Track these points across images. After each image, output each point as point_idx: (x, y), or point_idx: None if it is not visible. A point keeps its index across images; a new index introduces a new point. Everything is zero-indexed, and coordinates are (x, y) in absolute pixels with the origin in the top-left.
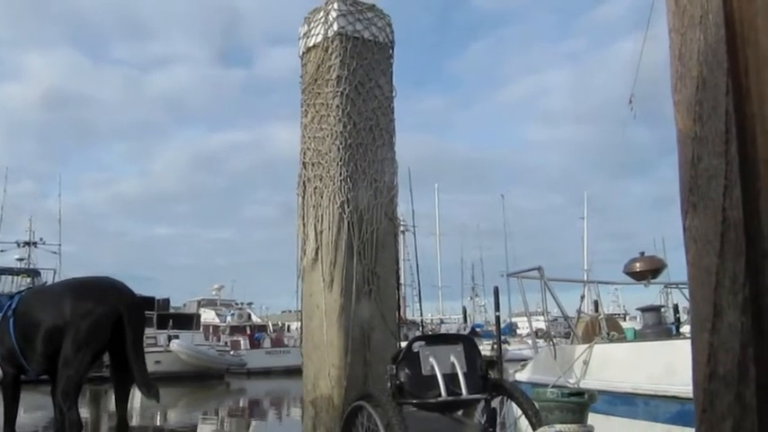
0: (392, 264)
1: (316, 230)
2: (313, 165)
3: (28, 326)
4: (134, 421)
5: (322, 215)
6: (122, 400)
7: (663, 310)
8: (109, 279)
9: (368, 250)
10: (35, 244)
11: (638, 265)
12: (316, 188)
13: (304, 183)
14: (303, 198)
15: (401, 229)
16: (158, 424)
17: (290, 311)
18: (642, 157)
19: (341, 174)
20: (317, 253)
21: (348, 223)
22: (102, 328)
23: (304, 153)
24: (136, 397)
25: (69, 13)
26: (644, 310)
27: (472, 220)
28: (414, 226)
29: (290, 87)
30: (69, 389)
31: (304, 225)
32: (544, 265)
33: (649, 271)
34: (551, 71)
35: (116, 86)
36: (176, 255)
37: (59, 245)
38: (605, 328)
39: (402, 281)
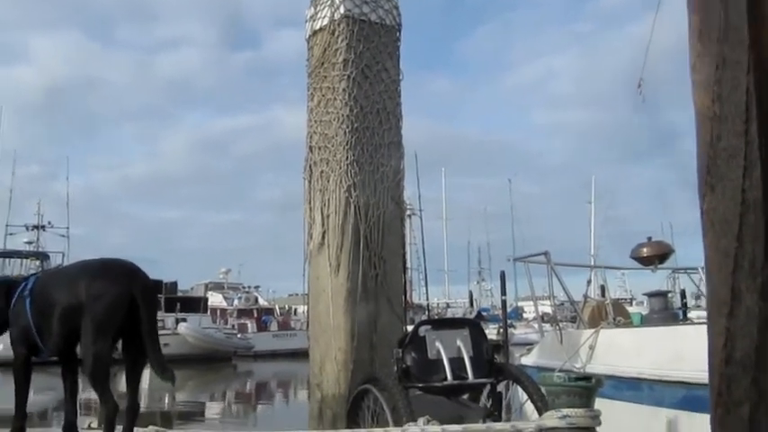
0: (398, 248)
1: (322, 214)
2: (319, 149)
3: (45, 306)
4: (142, 404)
5: (328, 199)
6: (134, 383)
7: (670, 295)
8: (124, 261)
9: (374, 235)
10: (44, 227)
11: (645, 250)
12: (322, 172)
13: (310, 167)
14: (310, 182)
15: (408, 213)
16: (166, 406)
17: (297, 295)
18: (650, 142)
19: (347, 158)
20: (323, 237)
21: (355, 207)
22: (116, 310)
23: (310, 137)
24: (144, 379)
25: None
26: (651, 295)
27: (479, 205)
28: (420, 210)
29: (297, 70)
30: (97, 373)
31: (311, 209)
32: (551, 249)
33: (656, 256)
34: (559, 55)
35: (123, 69)
36: (184, 238)
37: (67, 228)
38: (612, 313)
39: (408, 265)
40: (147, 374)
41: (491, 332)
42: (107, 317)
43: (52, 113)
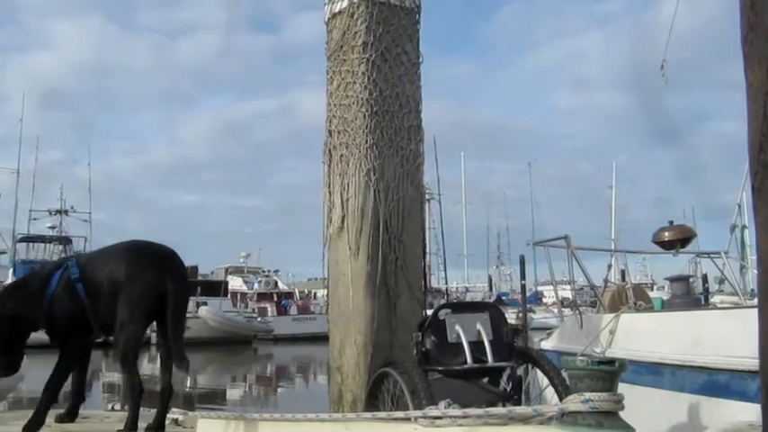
0: (418, 232)
1: (342, 198)
2: (339, 132)
3: (96, 286)
4: None
5: (348, 183)
6: (167, 369)
7: (692, 280)
8: (163, 247)
9: (394, 218)
10: (66, 212)
11: (666, 234)
12: (342, 156)
13: (330, 151)
14: (329, 166)
15: (427, 197)
16: (188, 389)
17: (317, 279)
18: (674, 125)
19: (367, 141)
20: (343, 221)
21: (374, 191)
22: (149, 294)
23: (330, 121)
24: None
25: None
26: (672, 279)
27: (499, 189)
28: (439, 194)
29: (316, 54)
30: (127, 351)
31: (330, 193)
32: (571, 233)
33: (678, 240)
34: (583, 35)
35: (144, 55)
36: (204, 222)
37: (90, 213)
38: (632, 298)
39: (428, 249)
40: None
41: (510, 316)
42: (140, 299)
43: (74, 99)
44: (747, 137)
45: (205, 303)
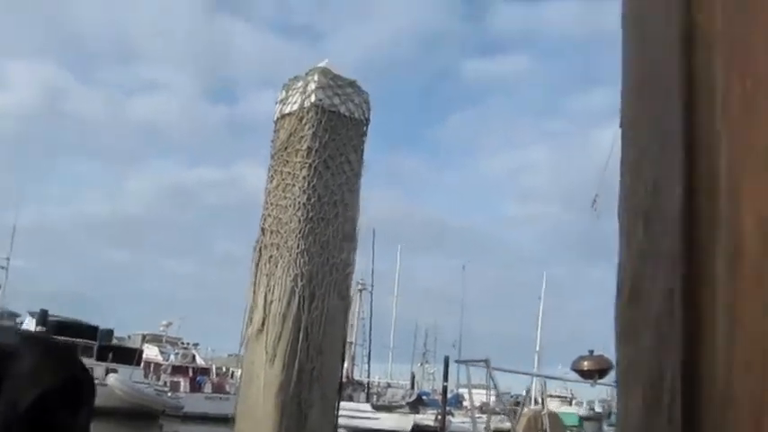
0: (339, 343)
1: (265, 300)
2: (272, 233)
3: None
4: None
5: (274, 285)
6: None
7: (612, 403)
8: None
9: (315, 327)
10: None
11: (585, 363)
12: (271, 257)
13: (260, 249)
14: (257, 264)
15: (359, 287)
16: None
17: (237, 355)
18: (608, 245)
19: (298, 246)
20: (263, 324)
21: (299, 298)
22: None
23: (264, 219)
24: None
25: (60, 25)
26: (586, 418)
27: (433, 285)
28: (372, 285)
29: (268, 132)
30: None
31: (254, 292)
32: (497, 340)
33: (596, 371)
34: (531, 147)
35: (97, 106)
36: (131, 282)
37: (8, 259)
38: (547, 425)
39: (353, 339)
40: None
41: (429, 418)
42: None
43: (16, 140)
44: None
45: (115, 371)
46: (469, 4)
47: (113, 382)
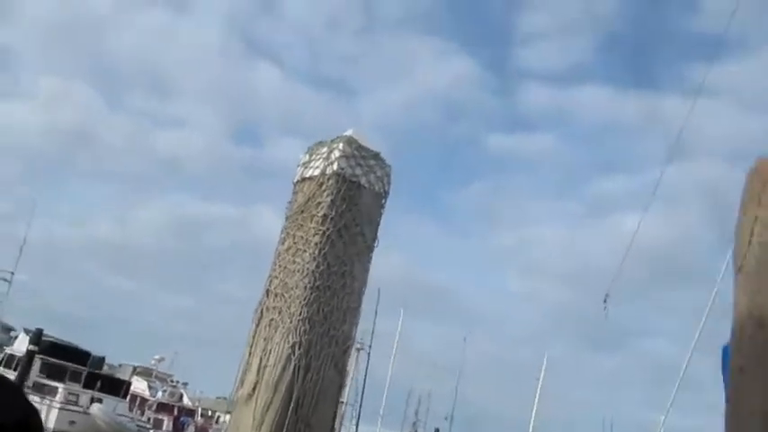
0: (329, 417)
1: (260, 364)
2: (276, 296)
3: None
4: None
5: (270, 350)
6: None
7: None
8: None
9: (308, 398)
10: None
11: None
12: (272, 320)
13: (262, 311)
14: (257, 326)
15: (357, 346)
16: None
17: (225, 399)
18: (613, 332)
19: (301, 314)
20: (254, 388)
21: (294, 367)
22: None
23: (271, 281)
24: None
25: (97, 52)
26: None
27: (431, 352)
28: (370, 347)
29: (286, 179)
30: None
31: (250, 354)
32: (492, 412)
33: None
34: (544, 227)
35: (121, 132)
36: (131, 311)
37: (12, 273)
38: None
39: (345, 399)
40: None
41: None
42: None
43: (35, 155)
44: None
45: (100, 400)
46: (501, 79)
47: (96, 411)
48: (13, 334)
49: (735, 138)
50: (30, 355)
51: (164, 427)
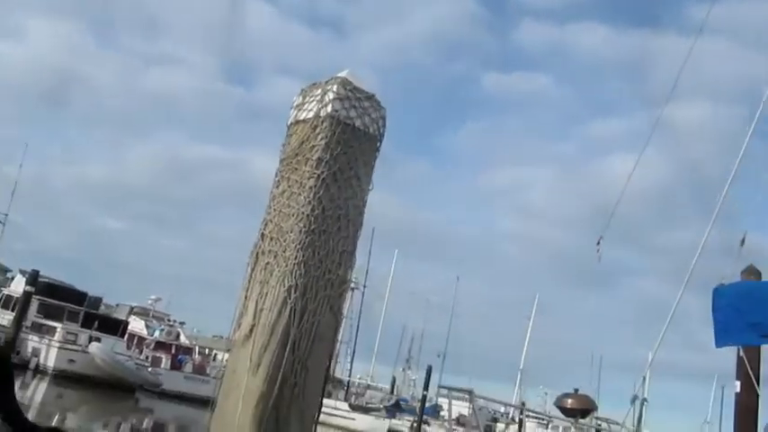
0: (325, 358)
1: (256, 307)
2: (271, 239)
3: None
4: (30, 416)
5: (266, 293)
6: None
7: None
8: None
9: (303, 341)
10: None
11: (569, 402)
12: (267, 264)
13: (257, 254)
14: (252, 270)
15: (352, 286)
16: (54, 423)
17: (222, 338)
18: (603, 273)
19: (296, 257)
20: (251, 331)
21: (291, 309)
22: None
23: (266, 224)
24: (39, 390)
25: None
26: None
27: (425, 291)
28: (364, 286)
29: (281, 121)
30: None
31: (246, 297)
32: (484, 350)
33: (579, 410)
34: (538, 168)
35: (112, 71)
36: (125, 252)
37: (6, 215)
38: None
39: (340, 337)
40: (39, 387)
41: (405, 424)
42: None
43: (25, 95)
44: None
45: (98, 339)
46: (498, 16)
47: (95, 350)
48: (9, 275)
49: (736, 78)
50: (27, 296)
51: (161, 365)
